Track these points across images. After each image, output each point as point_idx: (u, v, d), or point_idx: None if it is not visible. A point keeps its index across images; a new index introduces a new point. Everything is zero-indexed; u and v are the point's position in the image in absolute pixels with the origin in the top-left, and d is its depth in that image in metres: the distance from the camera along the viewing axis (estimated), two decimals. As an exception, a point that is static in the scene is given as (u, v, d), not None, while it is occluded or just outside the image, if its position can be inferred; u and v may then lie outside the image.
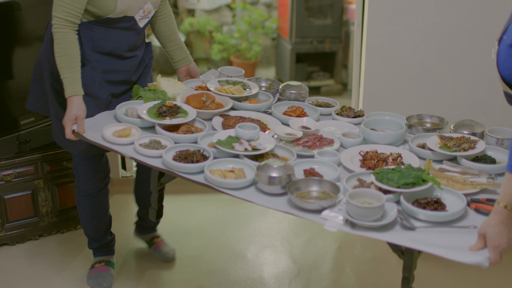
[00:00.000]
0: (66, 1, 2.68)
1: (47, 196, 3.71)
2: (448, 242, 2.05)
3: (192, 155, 2.45)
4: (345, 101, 6.89)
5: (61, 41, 2.70)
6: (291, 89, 3.12)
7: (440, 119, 2.94)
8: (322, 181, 2.31)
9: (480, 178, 2.44)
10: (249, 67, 7.65)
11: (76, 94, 2.70)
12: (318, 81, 7.09)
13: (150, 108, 2.77)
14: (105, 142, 2.61)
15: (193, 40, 7.73)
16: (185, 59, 3.22)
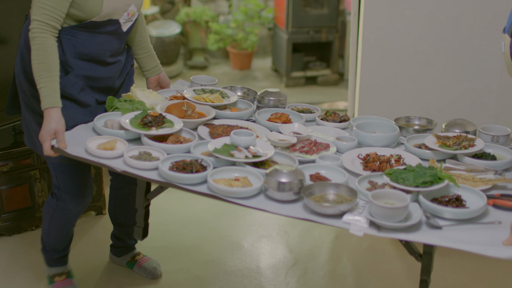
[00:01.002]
0: (47, 3, 2.47)
1: (43, 187, 3.70)
2: (477, 238, 2.01)
3: (190, 165, 2.31)
4: (342, 91, 6.89)
5: (39, 47, 2.47)
6: (270, 95, 3.01)
7: (428, 121, 2.91)
8: (337, 185, 2.22)
9: (487, 175, 2.42)
10: (246, 57, 7.63)
11: (54, 106, 2.48)
12: (315, 71, 7.07)
13: (132, 119, 2.60)
14: (90, 156, 2.41)
15: (189, 30, 7.70)
16: (155, 68, 3.06)
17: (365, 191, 2.20)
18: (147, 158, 2.39)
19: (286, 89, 6.98)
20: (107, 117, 2.69)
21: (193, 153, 2.43)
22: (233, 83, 7.22)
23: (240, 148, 2.42)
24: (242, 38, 7.44)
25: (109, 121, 2.63)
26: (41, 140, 2.47)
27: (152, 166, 2.35)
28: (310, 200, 2.12)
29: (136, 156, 2.40)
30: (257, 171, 2.31)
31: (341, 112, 2.98)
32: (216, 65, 7.88)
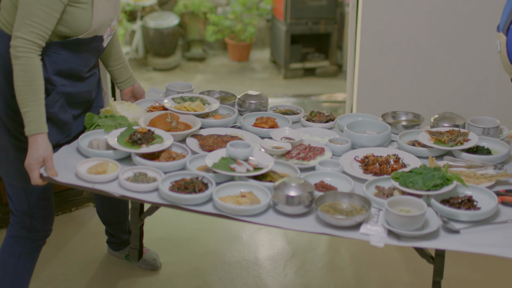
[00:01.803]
0: (35, 20, 2.29)
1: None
2: (496, 240, 2.00)
3: (192, 184, 2.20)
4: (340, 82, 6.88)
5: (26, 68, 2.29)
6: (251, 99, 2.94)
7: (414, 115, 2.90)
8: (349, 195, 2.16)
9: (487, 170, 2.42)
10: (244, 48, 7.61)
11: (41, 132, 2.31)
12: (313, 63, 7.05)
13: (119, 137, 2.46)
14: (83, 182, 2.26)
15: (187, 22, 7.67)
16: (130, 79, 2.91)
17: (379, 199, 2.15)
18: (144, 179, 2.26)
19: (285, 80, 6.96)
20: (91, 136, 2.54)
21: (189, 169, 2.33)
22: (232, 75, 7.21)
23: (239, 161, 2.33)
24: (240, 29, 7.41)
25: (94, 141, 2.49)
26: (29, 168, 2.30)
27: (151, 188, 2.23)
28: (325, 213, 2.05)
29: (132, 177, 2.28)
30: (261, 185, 2.23)
31: (326, 112, 2.94)
32: (214, 56, 7.86)
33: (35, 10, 2.29)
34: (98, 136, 2.55)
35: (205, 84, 6.97)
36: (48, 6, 2.30)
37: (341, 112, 5.86)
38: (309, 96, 6.36)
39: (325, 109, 6.02)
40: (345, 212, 2.09)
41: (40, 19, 2.30)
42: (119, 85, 2.91)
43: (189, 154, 2.43)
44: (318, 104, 6.15)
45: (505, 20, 2.31)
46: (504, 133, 2.72)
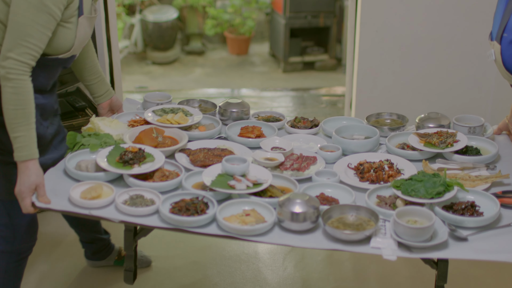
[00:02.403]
0: (31, 41, 2.17)
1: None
2: (504, 245, 2.01)
3: (193, 205, 2.14)
4: (339, 76, 6.87)
5: (18, 91, 2.17)
6: (232, 107, 2.86)
7: (398, 116, 2.89)
8: (356, 207, 2.14)
9: (480, 171, 2.43)
10: (243, 42, 7.59)
11: (33, 158, 2.20)
12: (312, 56, 7.03)
13: (108, 157, 2.37)
14: (78, 208, 2.17)
15: (187, 16, 7.64)
16: (107, 93, 2.80)
17: (384, 210, 2.14)
18: (142, 202, 2.19)
19: (284, 74, 6.95)
20: (77, 157, 2.45)
21: (185, 188, 2.27)
22: (231, 68, 7.19)
23: (237, 177, 2.27)
24: (240, 23, 7.39)
25: (82, 162, 2.39)
26: (20, 196, 2.19)
27: (151, 211, 2.16)
28: (334, 229, 2.03)
29: (129, 200, 2.20)
30: (264, 201, 2.19)
31: (310, 116, 2.92)
32: (214, 50, 7.84)
33: (31, 30, 2.17)
34: (84, 156, 2.46)
35: (205, 77, 6.96)
36: (44, 26, 2.19)
37: (340, 106, 5.85)
38: (308, 90, 6.36)
39: (324, 102, 6.01)
40: (354, 226, 2.07)
41: (36, 39, 2.19)
42: (96, 99, 2.79)
43: (183, 172, 2.36)
44: (317, 98, 6.15)
45: (497, 29, 2.31)
46: (488, 131, 2.74)
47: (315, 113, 5.74)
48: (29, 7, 2.15)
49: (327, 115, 5.66)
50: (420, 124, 2.76)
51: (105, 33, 4.25)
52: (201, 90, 6.51)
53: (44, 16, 2.17)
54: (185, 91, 6.47)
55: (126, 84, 6.44)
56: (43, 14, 2.17)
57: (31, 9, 2.15)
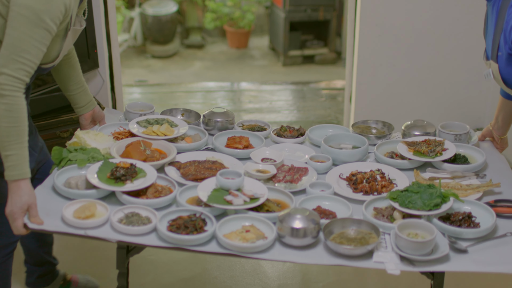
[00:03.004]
0: (26, 57, 2.10)
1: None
2: (504, 256, 2.04)
3: (191, 222, 2.10)
4: (339, 69, 6.86)
5: (12, 108, 2.08)
6: (217, 117, 2.83)
7: (383, 124, 2.89)
8: (358, 221, 2.13)
9: (471, 180, 2.46)
10: (243, 36, 7.57)
11: (25, 177, 2.13)
12: (312, 50, 7.01)
13: (98, 173, 2.31)
14: (73, 229, 2.11)
15: (186, 9, 7.62)
16: (90, 103, 2.73)
17: (384, 223, 2.14)
18: (138, 220, 2.14)
19: (284, 67, 6.94)
20: (66, 173, 2.38)
21: (180, 204, 2.23)
22: (230, 62, 7.18)
23: (233, 192, 2.24)
24: (239, 16, 7.38)
25: (72, 179, 2.32)
26: (12, 217, 2.11)
27: (148, 230, 2.11)
28: (337, 244, 2.02)
29: (124, 219, 2.15)
30: (263, 216, 2.17)
31: (296, 125, 2.88)
32: (213, 43, 7.82)
33: (28, 46, 2.10)
34: (71, 172, 2.39)
35: (204, 71, 6.95)
36: (40, 41, 2.12)
37: (339, 99, 5.85)
38: (308, 84, 6.35)
39: (324, 96, 6.01)
40: (356, 241, 2.06)
41: (31, 55, 2.11)
42: (78, 110, 2.72)
43: (176, 187, 2.32)
44: (317, 91, 6.15)
45: (491, 49, 2.32)
46: (473, 138, 2.77)
47: (315, 106, 5.74)
48: (26, 22, 2.08)
49: (326, 108, 5.66)
50: (406, 131, 2.77)
51: (105, 27, 4.24)
52: (201, 84, 6.50)
53: (41, 32, 2.11)
54: (184, 84, 6.46)
55: (125, 78, 6.43)
56: (40, 30, 2.10)
57: (27, 24, 2.08)
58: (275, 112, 5.69)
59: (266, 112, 5.69)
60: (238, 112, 5.74)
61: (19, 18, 2.08)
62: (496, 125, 2.70)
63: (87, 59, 3.98)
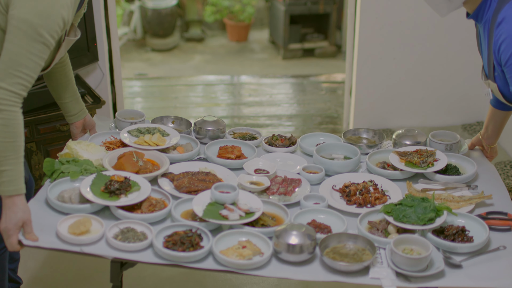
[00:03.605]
0: (23, 71, 2.08)
1: (40, 160, 3.70)
2: (498, 272, 2.05)
3: (187, 238, 2.09)
4: (339, 62, 6.85)
5: (8, 123, 2.06)
6: (208, 125, 2.82)
7: (374, 132, 2.89)
8: (355, 237, 2.14)
9: (463, 191, 2.48)
10: (243, 29, 7.55)
11: (20, 193, 2.10)
12: (312, 43, 7.00)
13: (91, 186, 2.28)
14: (68, 245, 2.09)
15: (186, 2, 7.60)
16: (81, 112, 2.71)
17: (379, 238, 2.15)
18: (134, 236, 2.12)
19: (284, 61, 6.93)
20: (59, 186, 2.35)
21: (175, 218, 2.22)
22: (230, 55, 7.17)
23: (228, 206, 2.23)
24: (239, 9, 7.36)
25: (65, 193, 2.29)
26: (6, 234, 2.09)
27: (144, 246, 2.10)
28: (332, 260, 2.03)
29: (120, 235, 2.13)
30: (259, 231, 2.17)
31: (287, 134, 2.89)
32: (213, 37, 7.81)
33: (25, 60, 2.08)
34: (65, 185, 2.36)
35: (204, 64, 6.94)
36: (38, 56, 2.10)
37: (340, 93, 5.84)
38: (308, 77, 6.35)
39: (324, 89, 6.01)
40: (352, 256, 2.07)
41: (29, 69, 2.09)
42: (70, 119, 2.70)
43: (171, 201, 2.32)
44: (317, 85, 6.14)
45: (488, 69, 2.33)
46: (463, 147, 2.79)
47: (315, 99, 5.74)
48: (24, 37, 2.06)
49: (326, 102, 5.65)
50: (397, 140, 2.78)
51: (104, 20, 4.23)
52: (201, 77, 6.49)
53: (39, 46, 2.09)
54: (184, 78, 6.45)
55: (125, 71, 6.42)
56: (38, 44, 2.08)
57: (25, 39, 2.06)
58: (275, 105, 5.69)
59: (266, 105, 5.69)
60: (238, 106, 5.73)
61: (17, 32, 2.06)
62: (486, 134, 2.71)
63: (86, 52, 3.98)
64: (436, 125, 4.71)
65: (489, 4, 2.20)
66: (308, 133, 2.93)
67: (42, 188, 2.38)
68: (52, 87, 2.65)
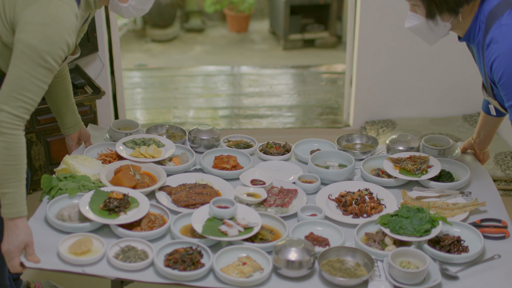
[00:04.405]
0: (27, 95, 2.09)
1: (39, 150, 3.70)
2: (493, 281, 2.09)
3: (188, 256, 2.10)
4: (340, 53, 6.84)
5: (11, 146, 2.07)
6: (202, 134, 2.82)
7: (368, 138, 2.92)
8: (353, 250, 2.17)
9: (457, 198, 2.51)
10: (243, 19, 7.53)
11: (22, 215, 2.11)
12: (313, 34, 6.99)
13: (90, 204, 2.29)
14: (70, 266, 2.09)
15: (186, -7, 7.60)
16: (77, 124, 2.73)
17: (377, 251, 2.18)
18: (135, 255, 2.13)
19: (284, 51, 6.92)
20: (57, 203, 2.35)
21: (175, 234, 2.24)
22: (230, 46, 7.16)
23: (227, 222, 2.25)
24: (239, 0, 7.36)
25: (64, 211, 2.29)
26: (9, 256, 2.10)
27: (145, 265, 2.11)
28: (332, 276, 2.06)
29: (121, 254, 2.14)
30: (258, 247, 2.19)
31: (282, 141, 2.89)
32: (213, 27, 7.79)
33: (29, 84, 2.09)
34: (63, 202, 2.37)
35: (204, 55, 6.93)
36: (42, 80, 2.11)
37: (340, 83, 5.84)
38: (308, 67, 6.34)
39: (325, 80, 6.00)
40: (351, 271, 2.10)
41: (32, 93, 2.10)
42: (66, 131, 2.73)
43: (170, 216, 2.33)
44: (318, 75, 6.13)
45: (486, 87, 2.35)
46: (456, 152, 2.81)
47: (315, 90, 5.74)
48: (29, 61, 2.07)
49: (327, 92, 5.65)
50: (391, 146, 2.81)
51: (104, 11, 4.22)
52: (201, 68, 6.49)
53: (43, 71, 2.10)
54: (184, 68, 6.45)
55: (125, 62, 6.41)
56: (42, 69, 2.10)
57: (30, 63, 2.08)
58: (275, 96, 5.68)
59: (267, 96, 5.68)
60: (238, 96, 5.73)
61: (22, 56, 2.08)
62: (478, 139, 2.74)
63: (86, 42, 3.97)
64: (437, 116, 4.71)
65: (478, 27, 2.22)
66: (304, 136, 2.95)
67: (41, 206, 2.39)
68: (50, 101, 2.67)
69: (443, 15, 2.24)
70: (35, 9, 2.09)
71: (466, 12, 2.23)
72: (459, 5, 2.19)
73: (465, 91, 4.61)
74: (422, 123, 4.62)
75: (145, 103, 5.62)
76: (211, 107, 5.52)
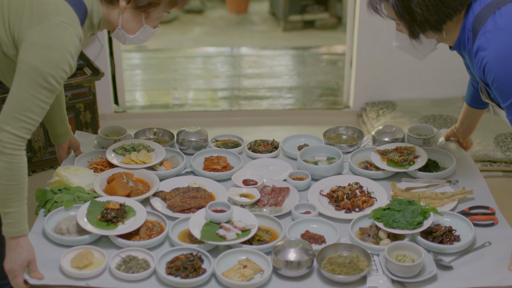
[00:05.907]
0: (29, 116, 2.10)
1: (39, 132, 3.70)
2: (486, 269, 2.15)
3: (189, 262, 2.13)
4: (340, 34, 6.81)
5: (13, 166, 2.09)
6: (190, 136, 2.84)
7: (353, 130, 2.96)
8: (351, 247, 2.21)
9: (444, 187, 2.56)
10: (242, 1, 7.47)
11: (24, 234, 2.14)
12: (312, 15, 6.94)
13: (87, 215, 2.31)
14: (73, 280, 2.12)
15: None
16: (68, 134, 2.75)
17: (372, 246, 2.22)
18: (137, 265, 2.15)
19: (284, 33, 6.89)
20: (54, 216, 2.36)
21: (173, 241, 2.26)
22: (230, 27, 7.13)
23: (225, 225, 2.28)
24: (239, -20, 7.31)
25: (62, 224, 2.31)
26: (12, 275, 2.13)
27: (147, 275, 2.14)
28: (331, 274, 2.11)
29: (123, 265, 2.16)
30: (256, 249, 2.22)
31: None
32: (213, 8, 7.74)
33: (31, 105, 2.10)
34: (59, 215, 2.38)
35: (204, 36, 6.90)
36: (44, 101, 2.12)
37: (340, 65, 5.82)
38: (308, 49, 6.31)
39: (325, 61, 5.98)
40: (349, 267, 2.15)
41: (34, 114, 2.12)
42: (57, 140, 2.74)
43: (167, 223, 2.35)
44: (318, 57, 6.11)
45: (483, 92, 2.38)
46: (440, 140, 2.87)
47: (315, 71, 5.72)
48: (32, 83, 2.09)
49: (327, 74, 5.64)
50: (376, 137, 2.86)
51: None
52: (200, 49, 6.46)
53: (46, 92, 2.11)
54: (184, 50, 6.42)
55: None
56: (45, 91, 2.11)
57: (33, 85, 2.09)
58: (275, 77, 5.67)
59: (266, 77, 5.67)
60: (238, 77, 5.72)
61: (25, 77, 2.09)
62: (461, 129, 2.80)
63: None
64: (437, 97, 4.70)
65: (466, 36, 2.25)
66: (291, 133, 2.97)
67: (38, 220, 2.40)
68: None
69: (426, 33, 2.26)
70: (42, 30, 2.10)
71: (451, 26, 2.25)
72: (441, 23, 2.22)
73: (465, 72, 4.59)
74: (422, 104, 4.61)
75: (144, 85, 5.60)
76: (210, 88, 5.50)
